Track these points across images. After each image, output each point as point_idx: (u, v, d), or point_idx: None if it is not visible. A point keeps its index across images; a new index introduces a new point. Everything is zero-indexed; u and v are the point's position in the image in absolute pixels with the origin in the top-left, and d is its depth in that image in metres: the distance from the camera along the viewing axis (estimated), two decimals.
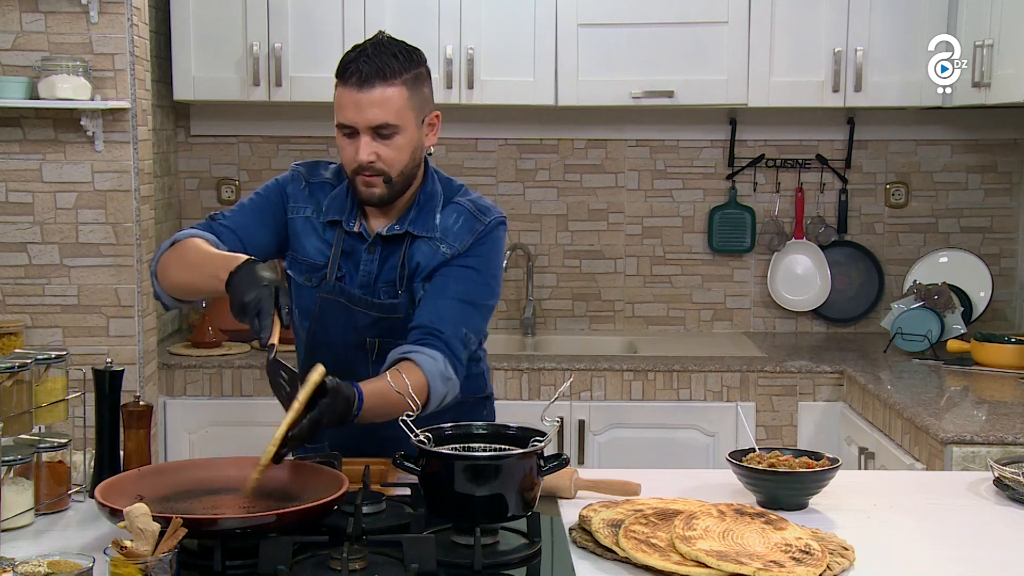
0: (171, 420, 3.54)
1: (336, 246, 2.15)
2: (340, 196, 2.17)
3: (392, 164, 2.06)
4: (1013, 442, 2.61)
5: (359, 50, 2.05)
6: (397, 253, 2.14)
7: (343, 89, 2.03)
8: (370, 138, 2.03)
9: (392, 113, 2.03)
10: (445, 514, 1.73)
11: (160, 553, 1.46)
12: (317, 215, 2.18)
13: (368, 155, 2.03)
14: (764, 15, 3.67)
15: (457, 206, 2.17)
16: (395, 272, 2.13)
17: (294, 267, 2.20)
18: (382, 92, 2.01)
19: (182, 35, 3.68)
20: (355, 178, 2.08)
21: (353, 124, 2.03)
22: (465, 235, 2.14)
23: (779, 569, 1.57)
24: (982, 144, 4.05)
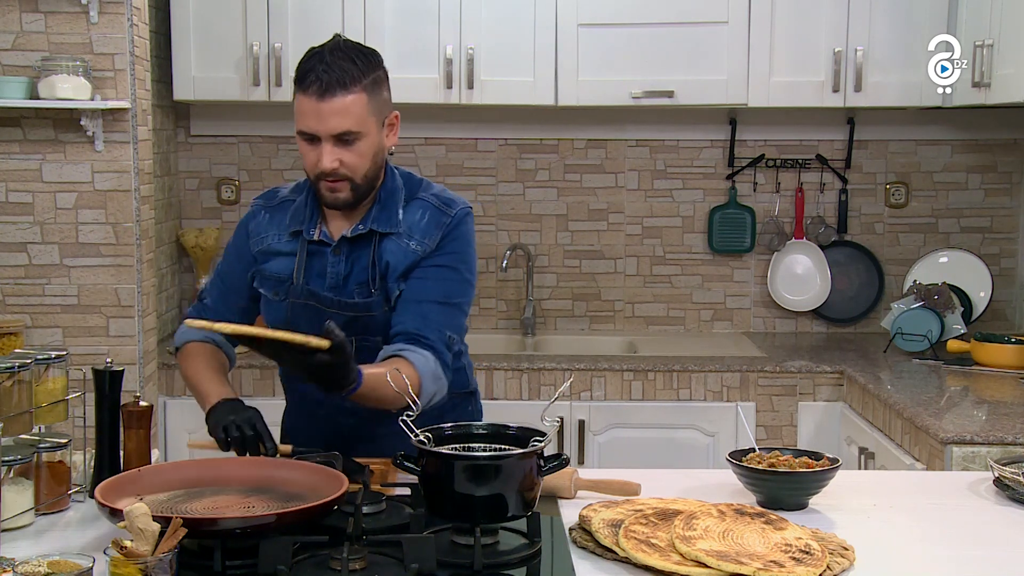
0: (171, 420, 3.54)
1: (300, 253, 2.17)
2: (299, 207, 2.19)
3: (355, 169, 2.07)
4: (1013, 442, 2.61)
5: (317, 57, 2.04)
6: (366, 253, 2.14)
7: (303, 97, 2.03)
8: (332, 145, 2.04)
9: (353, 120, 2.03)
10: (445, 514, 1.73)
11: (160, 553, 1.46)
12: (279, 237, 2.20)
13: (331, 162, 2.04)
14: (764, 15, 3.67)
15: (421, 202, 2.17)
16: (366, 272, 2.14)
17: (264, 284, 2.22)
18: (343, 100, 2.02)
19: (182, 35, 3.68)
20: (319, 183, 2.09)
21: (315, 132, 2.04)
22: (433, 230, 2.15)
23: (779, 569, 1.57)
24: (982, 144, 4.05)
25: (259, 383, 3.55)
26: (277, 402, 3.52)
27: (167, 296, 3.90)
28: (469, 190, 4.08)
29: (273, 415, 3.52)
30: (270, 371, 3.54)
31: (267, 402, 3.53)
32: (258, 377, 3.55)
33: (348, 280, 2.15)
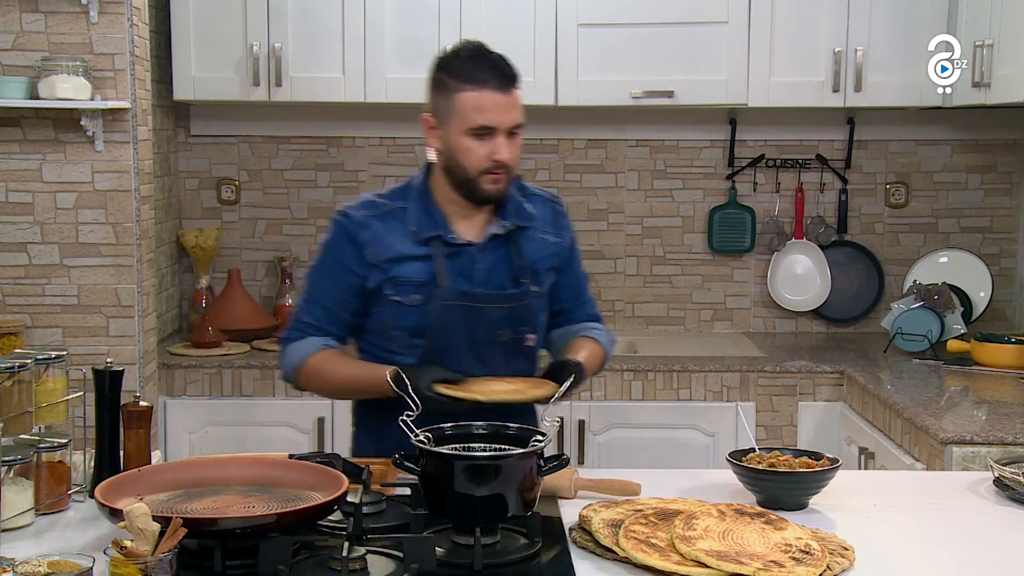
0: (171, 420, 3.54)
1: (438, 258, 2.19)
2: (423, 214, 2.22)
3: (516, 161, 2.18)
4: (1013, 442, 2.61)
5: (480, 55, 2.14)
6: (504, 249, 2.23)
7: (481, 92, 2.10)
8: (505, 137, 2.13)
9: (521, 113, 2.16)
10: (445, 514, 1.73)
11: (160, 553, 1.46)
12: (405, 242, 2.20)
13: (508, 152, 2.13)
14: (764, 15, 3.67)
15: (536, 197, 2.32)
16: (511, 267, 2.23)
17: (399, 291, 2.20)
18: (517, 94, 2.14)
19: (182, 35, 3.68)
20: (480, 177, 2.15)
21: (496, 125, 2.11)
22: (562, 221, 2.34)
23: (779, 569, 1.57)
24: (982, 144, 4.05)
25: (259, 383, 3.55)
26: (277, 402, 3.54)
27: (167, 296, 3.90)
28: None
29: (274, 415, 3.53)
30: (269, 371, 3.55)
31: (268, 402, 3.55)
32: (258, 377, 3.55)
33: (495, 276, 2.22)
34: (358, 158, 4.08)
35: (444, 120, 2.16)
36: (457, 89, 2.12)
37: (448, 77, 2.14)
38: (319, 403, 3.54)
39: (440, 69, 2.17)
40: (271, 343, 3.75)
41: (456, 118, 2.13)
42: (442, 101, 2.15)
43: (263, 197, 4.08)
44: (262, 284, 4.10)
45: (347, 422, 3.49)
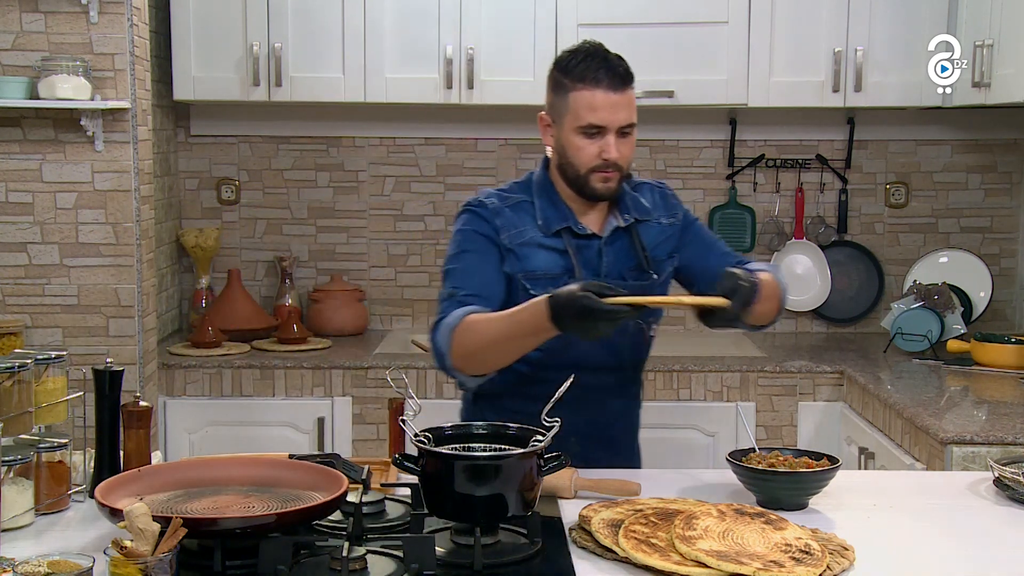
0: (171, 420, 3.54)
1: (571, 249, 2.24)
2: (549, 207, 2.26)
3: (628, 159, 2.21)
4: (1013, 442, 2.61)
5: (594, 54, 2.17)
6: (625, 240, 2.28)
7: (593, 91, 2.14)
8: (616, 136, 2.16)
9: (634, 112, 2.19)
10: (445, 514, 1.73)
11: (160, 553, 1.46)
12: (536, 232, 2.24)
13: (618, 152, 2.16)
14: (764, 15, 3.67)
15: (647, 186, 2.36)
16: (634, 258, 2.27)
17: (535, 285, 2.21)
18: (630, 93, 2.18)
19: (182, 35, 3.68)
20: (590, 175, 2.19)
21: (607, 124, 2.15)
22: (674, 204, 2.37)
23: (779, 569, 1.57)
24: (982, 144, 4.05)
25: (259, 383, 3.55)
26: (277, 402, 3.53)
27: (167, 296, 3.90)
28: (469, 190, 4.08)
29: (274, 415, 3.53)
30: (269, 371, 3.55)
31: (268, 402, 3.55)
32: (258, 377, 3.55)
33: (617, 268, 2.26)
34: (358, 158, 4.08)
35: (558, 118, 2.20)
36: (571, 88, 2.16)
37: (563, 76, 2.19)
38: (319, 403, 3.54)
39: (556, 68, 2.22)
40: (271, 343, 3.76)
41: (568, 116, 2.17)
42: (557, 100, 2.20)
43: (263, 197, 4.08)
44: (262, 284, 4.10)
45: (347, 422, 3.54)
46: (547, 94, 2.25)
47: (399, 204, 4.09)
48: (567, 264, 2.23)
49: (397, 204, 4.09)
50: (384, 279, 4.12)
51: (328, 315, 3.94)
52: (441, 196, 4.09)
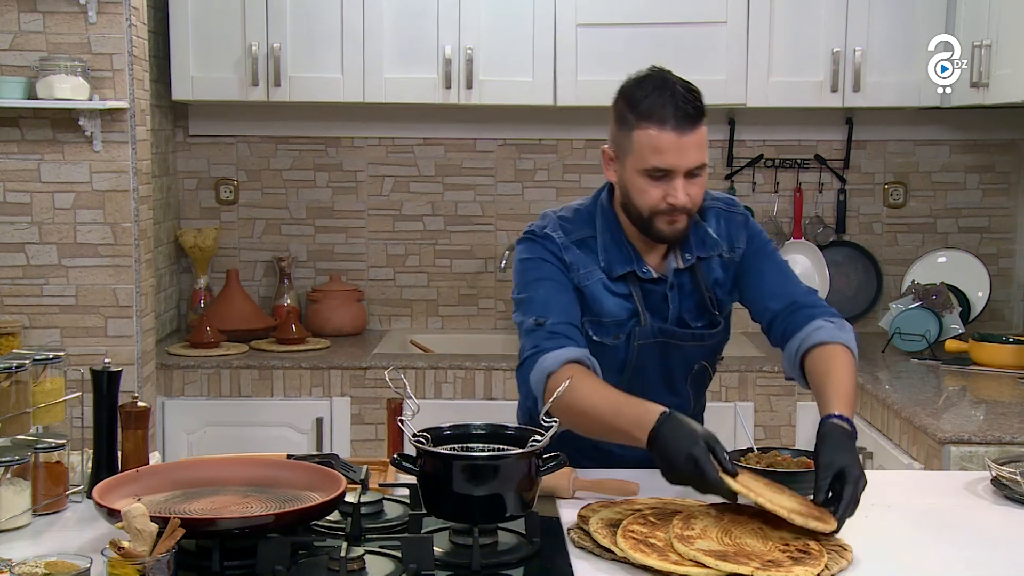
0: (169, 420, 3.54)
1: (636, 294, 2.14)
2: (613, 247, 2.14)
3: (697, 201, 2.07)
4: (1011, 442, 2.61)
5: (664, 89, 2.00)
6: (689, 278, 2.16)
7: (659, 132, 1.98)
8: (684, 179, 2.01)
9: (705, 152, 2.04)
10: (443, 514, 1.73)
11: (158, 554, 1.46)
12: (602, 273, 2.14)
13: (685, 197, 2.02)
14: (763, 15, 3.67)
15: (712, 211, 2.20)
16: (700, 297, 2.17)
17: (599, 331, 2.15)
18: (700, 133, 2.01)
19: (181, 35, 3.68)
20: (655, 218, 2.05)
21: (674, 168, 2.00)
22: (739, 232, 2.21)
23: (777, 569, 1.57)
24: (980, 144, 4.05)
25: (257, 383, 3.55)
26: (276, 403, 3.53)
27: (165, 296, 3.90)
28: (468, 190, 4.08)
29: (273, 416, 3.53)
30: (268, 371, 3.55)
31: (266, 402, 3.54)
32: (256, 378, 3.55)
33: (682, 309, 2.17)
34: (356, 158, 4.08)
35: (622, 155, 2.06)
36: (635, 125, 2.01)
37: (628, 111, 2.03)
38: (317, 403, 3.54)
39: (622, 99, 2.06)
40: (270, 343, 3.75)
41: (632, 156, 2.03)
42: (620, 135, 2.06)
43: (262, 197, 4.08)
44: (260, 284, 4.10)
45: (346, 422, 3.53)
46: (611, 126, 2.09)
47: (398, 204, 4.09)
48: (633, 308, 2.14)
49: (396, 204, 4.09)
50: (383, 279, 4.12)
51: (327, 315, 3.94)
52: (440, 196, 4.09)
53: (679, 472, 1.73)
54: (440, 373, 3.55)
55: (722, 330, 2.22)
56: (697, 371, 2.23)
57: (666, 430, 1.76)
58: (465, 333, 4.09)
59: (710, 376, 2.30)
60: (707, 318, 2.18)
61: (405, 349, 3.92)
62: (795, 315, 2.13)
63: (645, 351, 2.16)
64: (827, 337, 2.06)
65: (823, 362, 2.03)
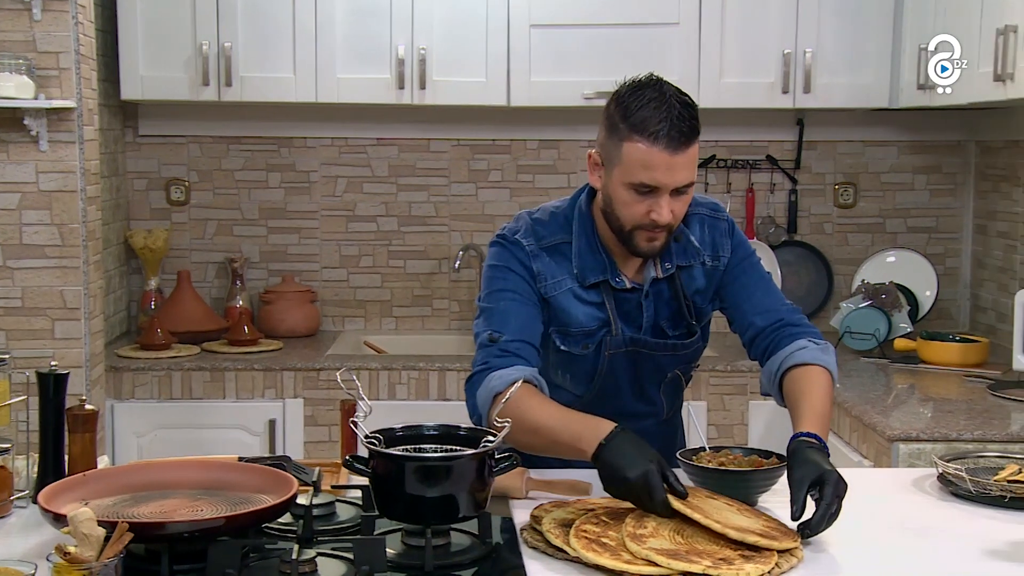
0: (119, 423, 3.49)
1: (609, 303, 2.10)
2: (588, 253, 2.09)
3: (680, 217, 2.02)
4: (957, 438, 2.65)
5: (660, 103, 1.94)
6: (667, 287, 2.13)
7: (649, 148, 1.92)
8: (670, 196, 1.97)
9: (693, 170, 1.99)
10: (396, 515, 1.73)
11: (105, 559, 1.44)
12: (573, 281, 2.10)
13: (669, 215, 1.97)
14: (715, 17, 3.69)
15: (695, 216, 2.15)
16: (678, 306, 2.13)
17: (567, 342, 2.12)
18: (692, 151, 1.96)
19: (129, 34, 3.63)
20: (635, 232, 2.00)
21: (662, 185, 1.94)
22: (722, 240, 2.16)
23: (728, 567, 1.58)
24: (927, 145, 4.11)
25: (209, 385, 3.51)
26: (228, 405, 3.50)
27: (115, 298, 3.85)
28: (421, 191, 4.07)
29: (225, 418, 3.49)
30: (220, 373, 3.51)
31: (218, 404, 3.51)
32: (208, 380, 3.51)
33: (656, 319, 2.13)
34: (309, 158, 4.06)
35: (609, 163, 1.99)
36: (626, 136, 1.94)
37: (621, 120, 1.96)
38: (270, 405, 3.52)
39: (616, 106, 1.98)
40: (222, 345, 3.72)
41: (620, 167, 1.96)
42: (609, 143, 1.98)
43: (213, 198, 4.04)
44: (212, 285, 4.06)
45: (299, 424, 3.51)
46: (600, 130, 2.02)
47: (351, 205, 4.07)
48: (604, 317, 2.10)
49: (349, 205, 4.07)
50: (336, 280, 4.09)
51: (279, 316, 3.91)
52: (393, 197, 4.08)
53: (630, 486, 1.72)
54: (394, 374, 3.54)
55: (698, 339, 2.19)
56: (671, 379, 2.20)
57: (619, 443, 1.76)
58: (419, 334, 4.08)
59: (685, 383, 2.28)
60: (685, 327, 2.15)
61: (359, 350, 3.90)
62: (779, 333, 2.13)
63: (616, 360, 2.13)
64: (809, 358, 2.06)
65: (801, 383, 2.03)
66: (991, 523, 1.90)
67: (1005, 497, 1.97)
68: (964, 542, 1.82)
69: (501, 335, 2.03)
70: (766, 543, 1.64)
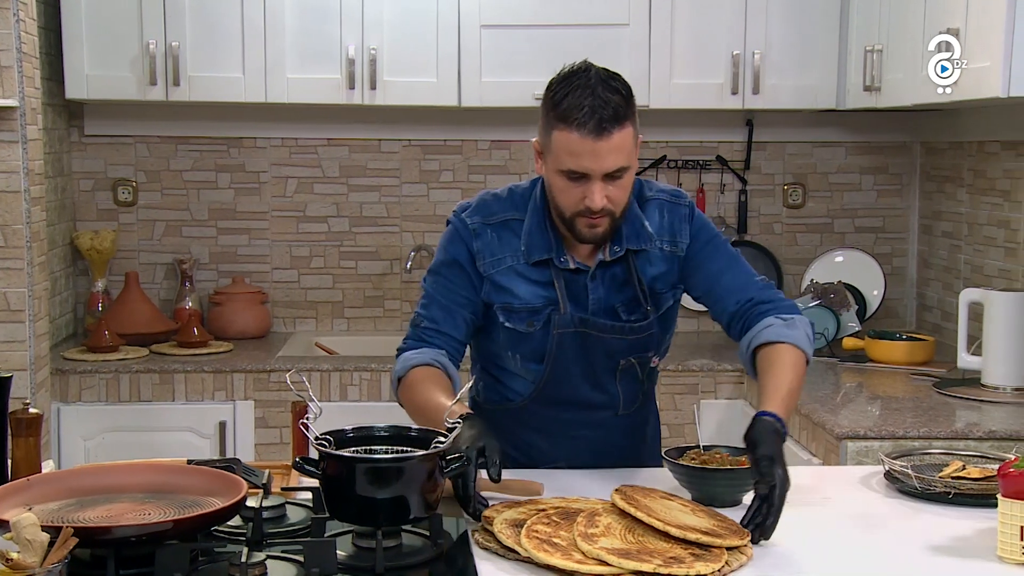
0: (65, 427, 3.44)
1: (558, 283, 2.11)
2: (536, 232, 2.11)
3: (619, 203, 2.02)
4: (904, 436, 2.69)
5: (584, 90, 1.94)
6: (622, 271, 2.12)
7: (573, 135, 1.94)
8: (602, 182, 1.97)
9: (625, 155, 1.97)
10: (347, 517, 1.72)
11: (49, 564, 1.41)
12: (517, 259, 2.11)
13: (602, 201, 1.98)
14: (664, 18, 3.72)
15: (655, 202, 2.16)
16: (633, 291, 2.13)
17: (511, 318, 2.13)
18: (619, 136, 1.95)
19: (73, 32, 3.58)
20: (576, 219, 2.02)
21: (588, 171, 1.96)
22: (681, 225, 2.16)
23: (679, 565, 1.59)
24: (874, 146, 4.16)
25: (158, 388, 3.47)
26: (177, 407, 3.47)
27: (61, 300, 3.79)
28: (372, 191, 4.06)
29: (175, 420, 3.46)
30: (168, 375, 3.48)
31: (167, 407, 3.48)
32: (157, 382, 3.47)
33: (610, 303, 2.12)
34: (259, 159, 4.02)
35: (545, 152, 2.03)
36: (554, 126, 1.97)
37: (550, 109, 1.98)
38: (220, 407, 3.48)
39: (546, 95, 2.00)
40: (171, 347, 3.68)
41: (551, 155, 2.00)
42: (543, 133, 2.02)
43: (162, 199, 4.00)
44: (161, 287, 4.02)
45: (250, 426, 3.48)
46: (539, 120, 2.04)
47: (302, 205, 4.05)
48: (551, 296, 2.11)
49: (300, 205, 4.05)
50: (287, 281, 4.07)
51: (230, 318, 3.88)
52: (344, 197, 4.06)
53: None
54: (345, 375, 3.52)
55: (651, 325, 2.16)
56: (624, 368, 2.18)
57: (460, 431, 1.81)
58: (371, 335, 4.06)
59: (645, 375, 2.24)
60: (641, 312, 2.15)
61: (310, 351, 3.87)
62: (750, 312, 2.14)
63: (565, 340, 2.13)
64: (773, 336, 2.07)
65: (766, 362, 2.05)
66: (936, 519, 1.93)
67: (949, 493, 2.00)
68: (909, 538, 1.85)
69: (422, 319, 2.14)
70: (708, 540, 1.66)
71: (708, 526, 1.72)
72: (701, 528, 1.70)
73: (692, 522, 1.72)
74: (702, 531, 1.68)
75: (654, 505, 1.74)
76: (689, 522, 1.72)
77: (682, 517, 1.73)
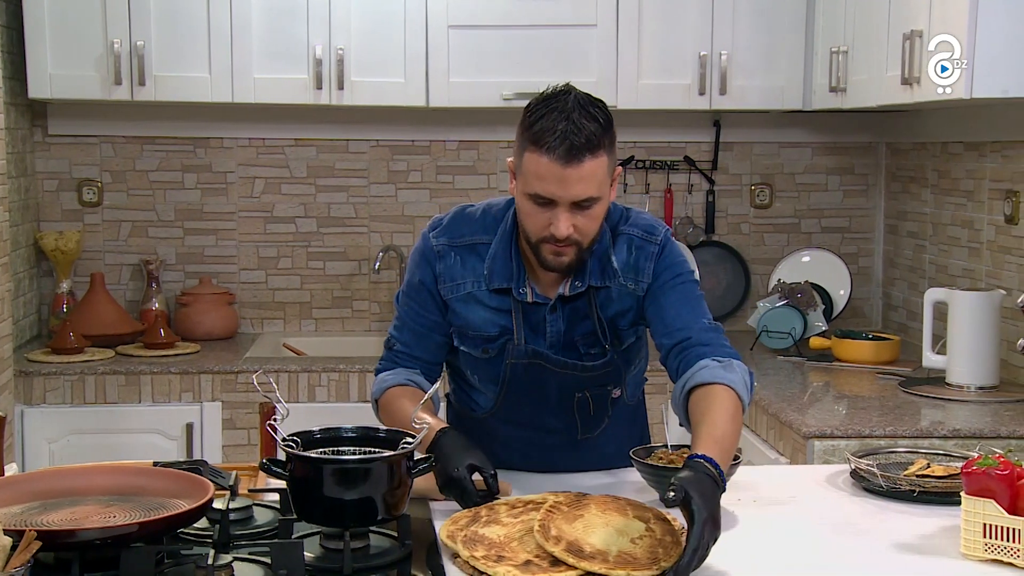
0: (29, 429, 3.41)
1: (516, 312, 2.07)
2: (501, 259, 2.06)
3: (587, 233, 1.95)
4: (869, 435, 2.71)
5: (559, 114, 1.88)
6: (583, 306, 2.07)
7: (543, 159, 1.87)
8: (569, 211, 1.91)
9: (595, 185, 1.90)
10: (314, 519, 1.71)
11: (11, 568, 1.40)
12: (478, 285, 2.08)
13: (567, 229, 1.91)
14: (632, 19, 3.73)
15: (625, 237, 2.08)
16: (593, 326, 2.08)
17: (465, 342, 2.12)
18: (590, 165, 1.88)
19: (36, 30, 3.55)
20: (541, 246, 1.96)
21: (554, 198, 1.90)
22: (645, 264, 2.07)
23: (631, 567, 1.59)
24: (840, 147, 4.20)
25: (124, 389, 3.44)
26: (144, 409, 3.44)
27: (24, 301, 3.75)
28: (340, 192, 4.04)
29: (141, 422, 3.43)
30: (135, 377, 3.45)
31: (132, 408, 3.45)
32: (123, 384, 3.44)
33: (570, 336, 2.08)
34: (226, 159, 4.00)
35: (517, 172, 1.97)
36: (525, 147, 1.91)
37: (525, 130, 1.92)
38: (187, 408, 3.46)
39: (523, 115, 1.94)
40: (137, 348, 3.65)
41: (521, 176, 1.94)
42: (517, 152, 1.96)
43: (127, 199, 3.97)
44: (127, 288, 3.99)
45: (217, 427, 3.46)
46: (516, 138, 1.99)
47: (269, 206, 4.03)
48: (506, 325, 2.07)
49: (267, 206, 4.03)
50: (254, 282, 4.05)
51: (196, 319, 3.85)
52: (312, 198, 4.04)
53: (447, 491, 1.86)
54: (314, 376, 3.50)
55: (610, 361, 2.11)
56: (581, 400, 2.13)
57: (441, 444, 1.88)
58: (339, 335, 4.05)
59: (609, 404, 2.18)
60: (599, 347, 2.10)
61: (278, 352, 3.86)
62: (685, 353, 2.02)
63: (519, 370, 2.11)
64: (709, 378, 1.95)
65: (700, 404, 1.93)
66: (901, 517, 1.95)
67: (914, 492, 2.02)
68: (875, 536, 1.86)
69: (396, 342, 2.17)
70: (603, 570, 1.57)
71: (624, 548, 1.65)
72: (611, 554, 1.63)
73: (610, 544, 1.65)
74: (608, 560, 1.61)
75: (576, 525, 1.68)
76: (606, 544, 1.65)
77: (605, 537, 1.66)
